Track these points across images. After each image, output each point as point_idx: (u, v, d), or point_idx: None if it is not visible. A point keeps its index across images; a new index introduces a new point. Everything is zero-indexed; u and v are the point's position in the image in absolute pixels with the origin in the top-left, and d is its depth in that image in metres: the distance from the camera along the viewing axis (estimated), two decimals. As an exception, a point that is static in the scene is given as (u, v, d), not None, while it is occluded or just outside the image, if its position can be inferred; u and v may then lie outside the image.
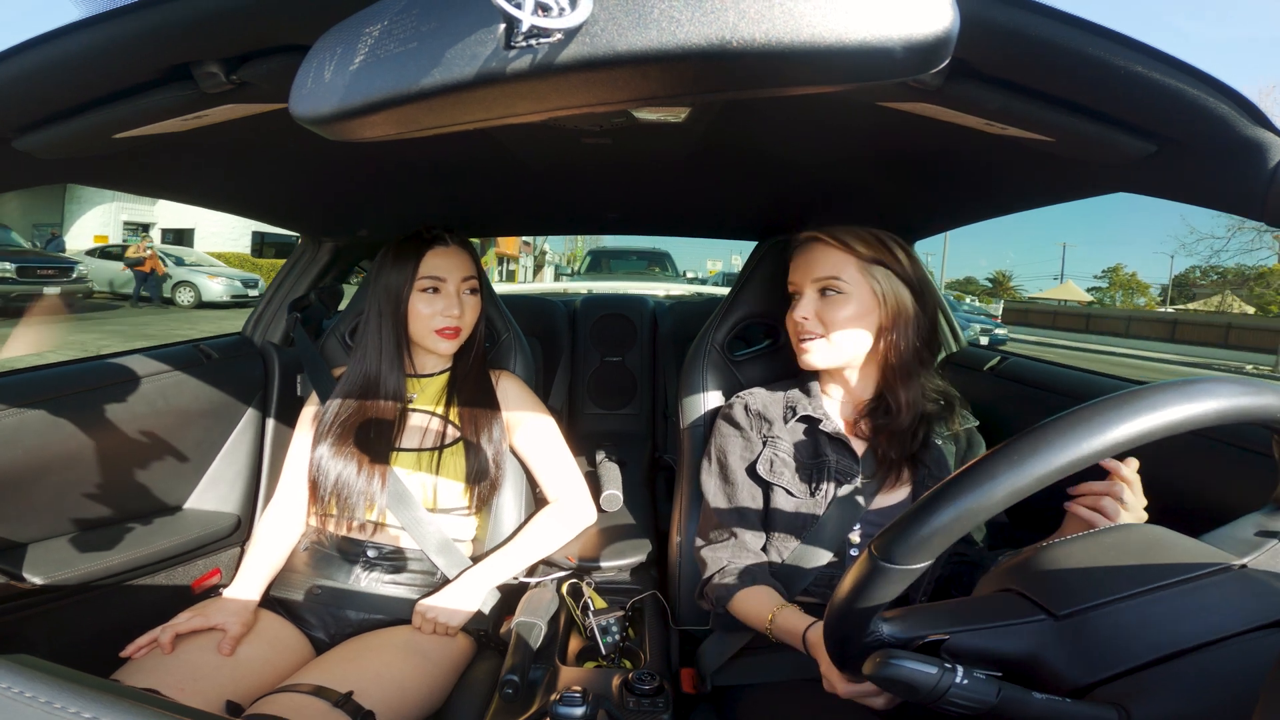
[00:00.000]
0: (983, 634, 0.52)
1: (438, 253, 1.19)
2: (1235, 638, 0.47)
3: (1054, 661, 0.50)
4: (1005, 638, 0.52)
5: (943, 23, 0.35)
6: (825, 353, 1.02)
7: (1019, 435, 0.47)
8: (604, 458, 1.70)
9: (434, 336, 1.18)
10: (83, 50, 0.59)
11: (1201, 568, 0.53)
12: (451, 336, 1.19)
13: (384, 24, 0.42)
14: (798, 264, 1.06)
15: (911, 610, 0.56)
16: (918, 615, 0.55)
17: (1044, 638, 0.51)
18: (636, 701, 0.85)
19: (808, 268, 1.04)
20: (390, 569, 1.14)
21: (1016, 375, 1.38)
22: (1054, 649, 0.50)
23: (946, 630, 0.52)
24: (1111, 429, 0.45)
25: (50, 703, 0.37)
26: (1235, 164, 0.57)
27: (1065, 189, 0.97)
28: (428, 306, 1.18)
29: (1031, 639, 0.51)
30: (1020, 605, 0.54)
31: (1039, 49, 0.53)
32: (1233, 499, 0.83)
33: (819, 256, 1.03)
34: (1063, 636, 0.50)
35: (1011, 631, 0.52)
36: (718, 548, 1.01)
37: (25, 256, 11.10)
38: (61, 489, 1.13)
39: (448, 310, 1.17)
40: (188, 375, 1.33)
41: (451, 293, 1.18)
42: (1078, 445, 0.45)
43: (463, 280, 1.20)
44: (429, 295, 1.18)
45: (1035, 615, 0.52)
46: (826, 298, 1.01)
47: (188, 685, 0.89)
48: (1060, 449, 0.45)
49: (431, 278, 1.17)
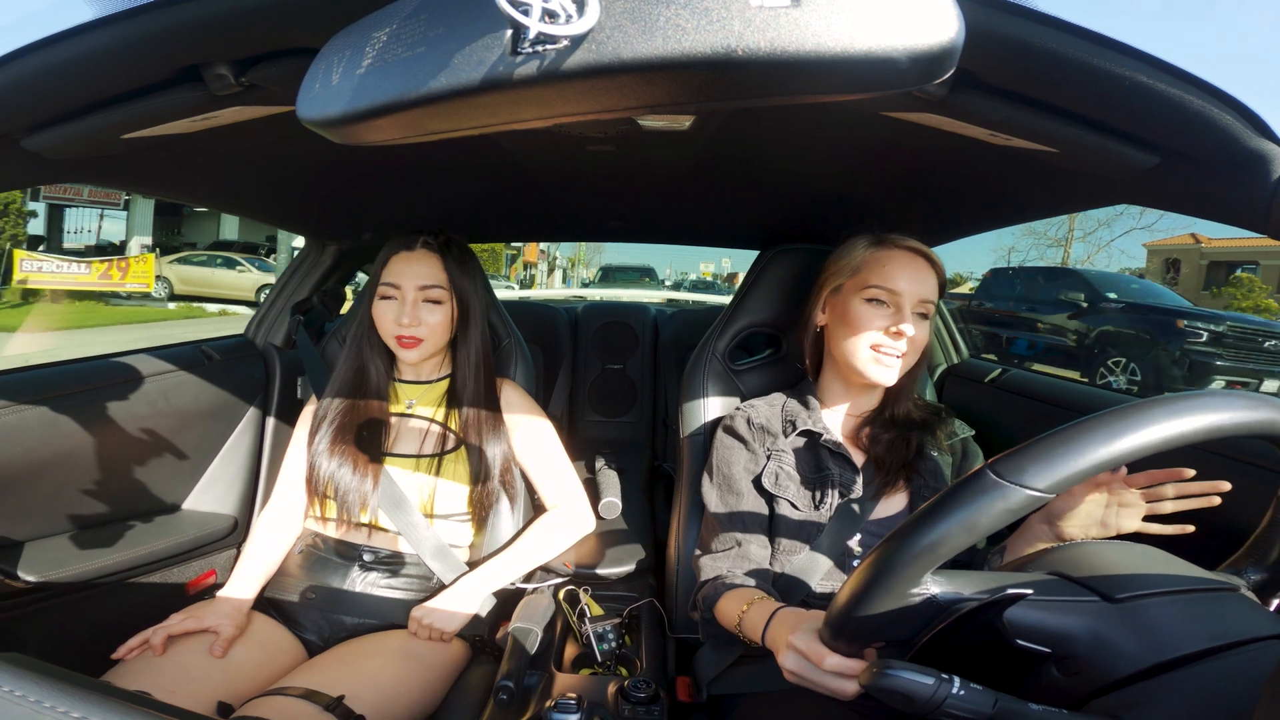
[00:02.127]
0: (1043, 608, 0.52)
1: (401, 258, 1.15)
2: (1230, 649, 0.48)
3: (1118, 641, 0.50)
4: (1066, 613, 0.52)
5: (948, 33, 0.35)
6: (899, 371, 0.99)
7: (1182, 396, 0.49)
8: (603, 465, 1.70)
9: (396, 344, 1.15)
10: (94, 51, 0.59)
11: (1217, 583, 0.55)
12: (409, 346, 1.14)
13: (392, 28, 0.42)
14: (900, 273, 0.98)
15: (962, 572, 0.56)
16: (971, 577, 0.55)
17: (1102, 619, 0.51)
18: (632, 709, 0.85)
19: (915, 283, 0.98)
20: (386, 573, 1.13)
21: (1017, 388, 1.38)
22: (1116, 630, 0.51)
23: (1010, 590, 0.52)
24: (1246, 415, 0.48)
25: (40, 702, 0.37)
26: (1238, 177, 0.57)
27: (1068, 200, 0.97)
28: (383, 313, 1.15)
29: (1090, 619, 0.52)
30: (1071, 588, 0.54)
31: (1044, 60, 0.53)
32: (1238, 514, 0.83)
33: (926, 276, 0.99)
34: (1120, 619, 0.51)
35: (1068, 608, 0.52)
36: (719, 558, 1.00)
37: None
38: (59, 487, 1.13)
39: (398, 318, 1.13)
40: (189, 376, 1.33)
41: (408, 301, 1.14)
42: (1209, 421, 0.47)
43: (420, 288, 1.14)
44: (386, 302, 1.15)
45: (1089, 597, 0.53)
46: (918, 318, 0.98)
47: (179, 687, 0.88)
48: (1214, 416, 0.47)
49: (388, 284, 1.14)
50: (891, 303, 0.98)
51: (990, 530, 0.49)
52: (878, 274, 0.99)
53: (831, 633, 0.60)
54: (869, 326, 0.98)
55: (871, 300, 0.99)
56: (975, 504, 0.49)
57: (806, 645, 0.66)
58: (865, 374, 0.99)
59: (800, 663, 0.67)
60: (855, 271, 1.02)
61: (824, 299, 1.07)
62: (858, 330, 0.99)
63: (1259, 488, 0.83)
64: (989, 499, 0.48)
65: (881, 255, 1.00)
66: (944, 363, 1.68)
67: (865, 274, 1.00)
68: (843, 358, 1.02)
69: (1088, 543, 0.61)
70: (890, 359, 0.97)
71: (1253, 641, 0.48)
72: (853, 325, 1.00)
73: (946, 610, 0.53)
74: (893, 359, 0.97)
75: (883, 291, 0.98)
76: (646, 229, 2.00)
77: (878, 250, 1.01)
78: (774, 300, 1.27)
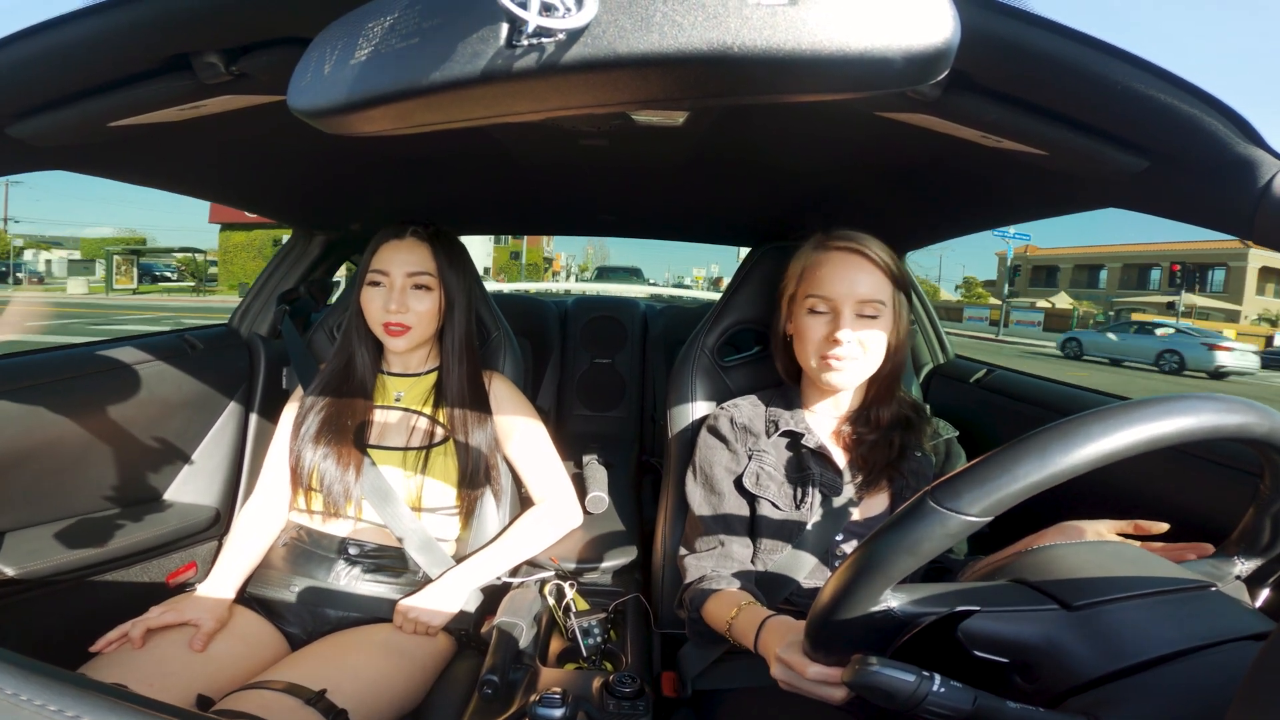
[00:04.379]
0: (998, 618, 0.53)
1: (390, 246, 1.16)
2: (1204, 650, 0.49)
3: (1074, 649, 0.50)
4: (1020, 623, 0.52)
5: (943, 34, 0.35)
6: (854, 374, 0.98)
7: (1113, 408, 0.48)
8: (591, 460, 1.70)
9: (383, 332, 1.16)
10: (82, 38, 0.58)
11: (1189, 582, 0.55)
12: (397, 334, 1.15)
13: (387, 19, 0.42)
14: (833, 277, 0.97)
15: (921, 586, 0.56)
16: (928, 591, 0.55)
17: (1059, 626, 0.52)
18: (616, 704, 0.85)
19: (849, 285, 0.96)
20: (371, 567, 1.13)
21: (1002, 388, 1.40)
22: (1071, 638, 0.51)
23: (959, 608, 0.53)
24: (1184, 420, 0.47)
25: (16, 694, 0.36)
26: (1225, 182, 0.58)
27: (1057, 203, 0.98)
28: (370, 301, 1.16)
29: (1047, 627, 0.52)
30: (1030, 595, 0.54)
31: (1038, 62, 0.54)
32: (1218, 515, 0.85)
33: (862, 275, 0.96)
34: (1077, 627, 0.51)
35: (1025, 617, 0.53)
36: (702, 557, 1.00)
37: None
38: (37, 478, 1.11)
39: (386, 305, 1.14)
40: (171, 365, 1.31)
41: (396, 288, 1.15)
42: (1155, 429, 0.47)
43: (408, 275, 1.15)
44: (374, 289, 1.16)
45: (1047, 605, 0.53)
46: (863, 319, 0.96)
47: (156, 681, 0.87)
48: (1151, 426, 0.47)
49: (376, 270, 1.15)
50: (829, 309, 0.97)
51: (935, 553, 0.50)
52: (813, 282, 0.98)
53: (810, 644, 0.62)
54: (813, 336, 0.98)
55: (811, 310, 0.99)
56: (915, 530, 0.50)
57: (791, 657, 0.69)
58: (822, 381, 0.99)
59: (788, 673, 0.70)
60: (800, 279, 1.02)
61: (785, 308, 1.07)
62: (804, 340, 0.99)
63: (1239, 488, 0.85)
64: (928, 525, 0.49)
65: (818, 260, 0.99)
66: (930, 362, 1.69)
67: (806, 282, 1.00)
68: (803, 365, 1.03)
69: (1056, 545, 0.61)
70: (839, 363, 0.96)
71: (1222, 644, 0.49)
72: (800, 336, 1.00)
73: (908, 624, 0.54)
74: (841, 363, 0.96)
75: (819, 300, 0.98)
76: (638, 224, 2.00)
77: (816, 254, 1.00)
78: (763, 297, 1.27)
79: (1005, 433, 1.03)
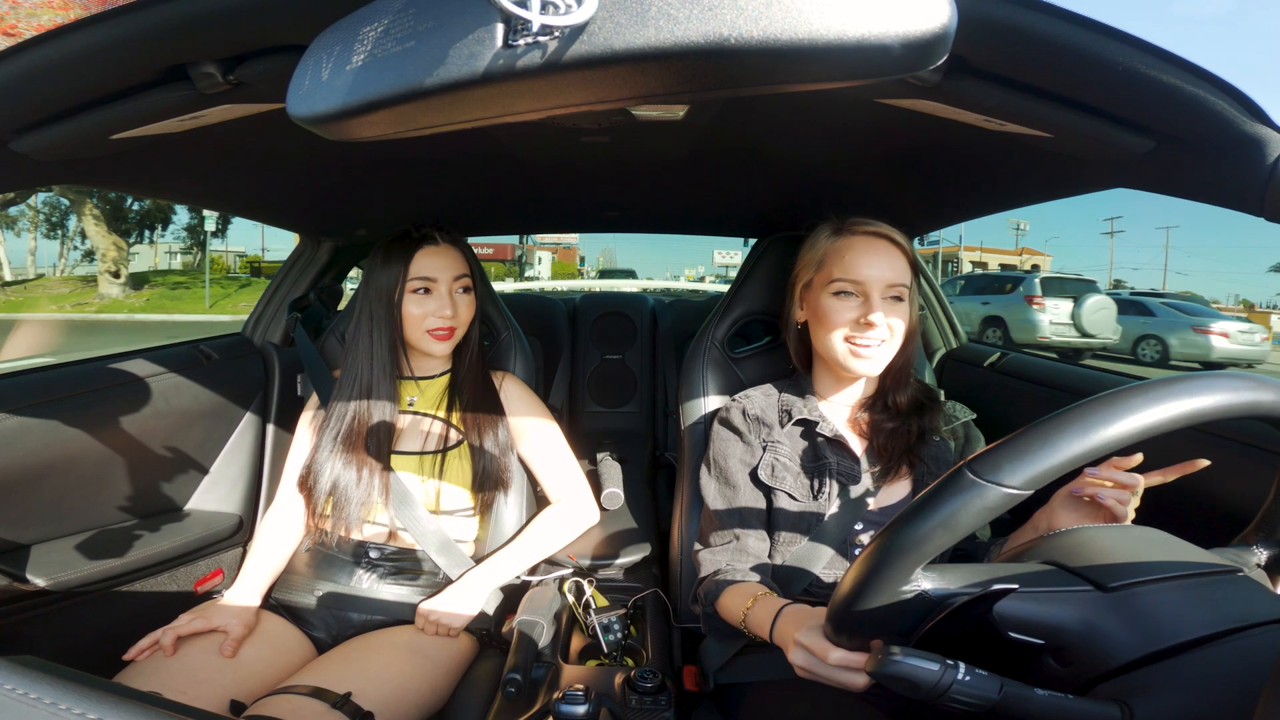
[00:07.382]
0: (1034, 598, 0.52)
1: (428, 252, 1.16)
2: (1235, 634, 0.48)
3: (1111, 630, 0.50)
4: (1055, 604, 0.52)
5: (940, 19, 0.35)
6: (881, 360, 0.97)
7: (1156, 382, 0.48)
8: (605, 456, 1.70)
9: (427, 338, 1.16)
10: (80, 51, 0.59)
11: (1218, 567, 0.54)
12: (445, 337, 1.17)
13: (381, 23, 0.42)
14: (861, 261, 0.96)
15: (954, 566, 0.55)
16: (961, 571, 0.55)
17: (1095, 608, 0.51)
18: (639, 699, 0.85)
19: (878, 268, 0.96)
20: (392, 570, 1.14)
21: (1016, 371, 1.39)
22: (1108, 619, 0.50)
23: (996, 586, 0.52)
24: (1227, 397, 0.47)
25: (55, 704, 0.37)
26: (1234, 160, 0.57)
27: (1063, 184, 0.96)
28: (419, 308, 1.15)
29: (1082, 608, 0.51)
30: (1063, 577, 0.54)
31: (1037, 45, 0.53)
32: (1236, 495, 0.83)
33: (888, 259, 0.97)
34: (1113, 608, 0.51)
35: (1060, 598, 0.52)
36: (717, 551, 1.00)
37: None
38: (63, 491, 1.13)
39: (439, 311, 1.15)
40: (188, 375, 1.33)
41: (444, 293, 1.16)
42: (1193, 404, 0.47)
43: (454, 279, 1.17)
44: (420, 296, 1.16)
45: (1081, 586, 0.52)
46: (890, 301, 0.96)
47: (190, 688, 0.89)
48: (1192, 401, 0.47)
49: (422, 278, 1.15)
50: (858, 292, 0.97)
51: (972, 528, 0.49)
52: (839, 265, 0.98)
53: (833, 629, 0.61)
54: (840, 320, 0.97)
55: (839, 293, 0.98)
56: (953, 504, 0.49)
57: (812, 642, 0.68)
58: (846, 367, 0.99)
59: (808, 659, 0.69)
60: (820, 265, 1.01)
61: (798, 295, 1.06)
62: (830, 326, 0.98)
63: (1260, 469, 0.83)
64: (966, 498, 0.48)
65: (841, 245, 0.99)
66: (943, 347, 1.68)
67: (829, 267, 0.99)
68: (825, 352, 1.02)
69: (1086, 528, 0.60)
70: (867, 349, 0.96)
71: (1255, 626, 0.48)
72: (825, 321, 0.99)
73: (940, 605, 0.53)
74: (870, 349, 0.96)
75: (847, 283, 0.97)
76: (642, 219, 2.00)
77: (837, 240, 1.00)
78: (771, 287, 1.27)
79: (1021, 416, 1.02)
